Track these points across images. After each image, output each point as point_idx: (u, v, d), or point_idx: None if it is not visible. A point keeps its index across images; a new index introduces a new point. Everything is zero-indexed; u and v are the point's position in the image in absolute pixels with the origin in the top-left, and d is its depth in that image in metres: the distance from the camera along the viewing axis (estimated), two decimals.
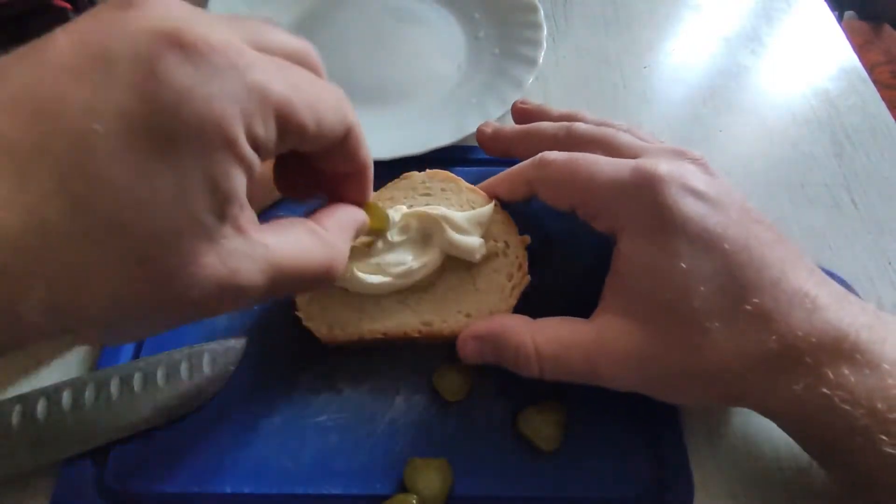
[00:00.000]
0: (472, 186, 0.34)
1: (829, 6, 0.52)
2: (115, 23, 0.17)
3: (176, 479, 0.29)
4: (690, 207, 0.26)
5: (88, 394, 0.29)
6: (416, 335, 0.30)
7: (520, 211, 0.37)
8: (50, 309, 0.16)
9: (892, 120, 0.44)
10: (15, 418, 0.29)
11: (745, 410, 0.30)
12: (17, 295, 0.15)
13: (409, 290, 0.31)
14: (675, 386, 0.26)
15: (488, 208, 0.32)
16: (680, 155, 0.29)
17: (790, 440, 0.26)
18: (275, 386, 0.31)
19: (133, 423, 0.29)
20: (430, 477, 0.27)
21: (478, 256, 0.31)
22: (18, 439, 0.28)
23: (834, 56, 0.48)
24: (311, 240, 0.22)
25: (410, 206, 0.32)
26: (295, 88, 0.19)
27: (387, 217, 0.30)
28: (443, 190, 0.34)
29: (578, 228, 0.33)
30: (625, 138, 0.30)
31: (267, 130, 0.18)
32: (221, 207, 0.18)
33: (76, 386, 0.30)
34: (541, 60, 0.43)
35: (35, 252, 0.15)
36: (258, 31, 0.20)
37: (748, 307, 0.24)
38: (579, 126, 0.32)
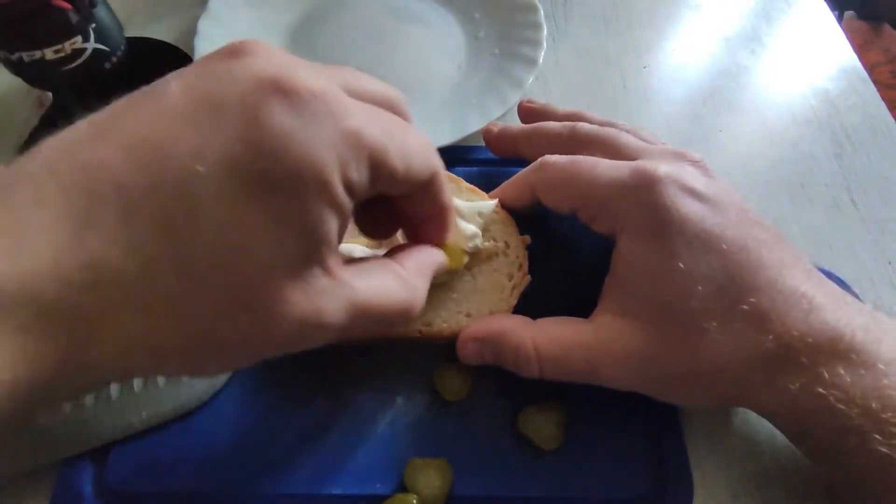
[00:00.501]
0: (472, 186, 0.34)
1: (829, 6, 0.52)
2: (224, 70, 0.18)
3: (176, 480, 0.29)
4: (689, 208, 0.26)
5: (89, 394, 0.29)
6: (416, 335, 0.30)
7: (520, 211, 0.37)
8: (143, 345, 0.17)
9: (892, 120, 0.44)
10: None
11: (745, 410, 0.30)
12: (114, 329, 0.16)
13: None
14: (673, 386, 0.26)
15: (491, 203, 0.32)
16: (680, 157, 0.29)
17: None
18: (275, 386, 0.31)
19: (133, 424, 0.29)
20: (430, 477, 0.27)
21: (470, 245, 0.30)
22: (19, 439, 0.28)
23: (834, 56, 0.48)
24: (395, 283, 0.23)
25: None
26: (387, 134, 0.20)
27: (464, 255, 0.30)
28: None
29: (578, 228, 0.33)
30: (626, 139, 0.30)
31: (360, 175, 0.19)
32: (314, 250, 0.18)
33: None
34: (541, 60, 0.43)
35: (135, 288, 0.16)
36: (353, 78, 0.21)
37: (745, 307, 0.24)
38: (583, 126, 0.32)
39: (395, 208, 0.25)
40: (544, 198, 0.30)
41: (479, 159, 0.40)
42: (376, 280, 0.22)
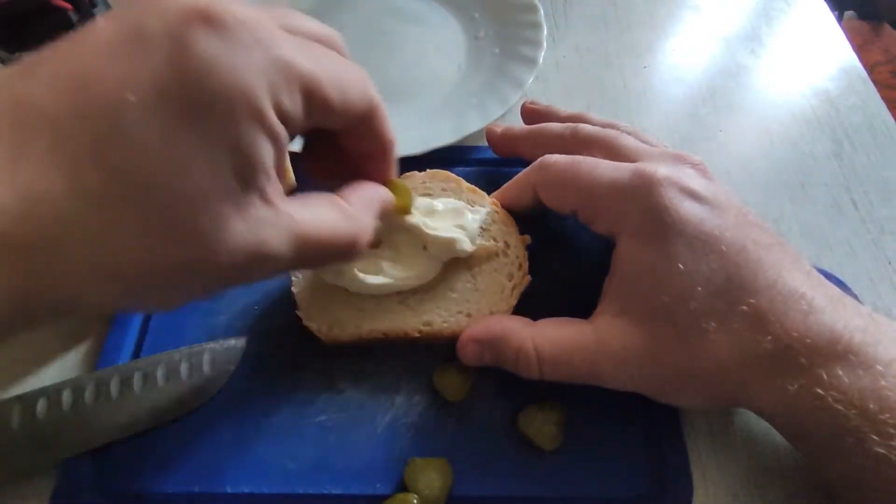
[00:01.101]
0: (472, 186, 0.34)
1: (829, 6, 0.52)
2: (151, 4, 0.18)
3: (176, 479, 0.29)
4: (688, 209, 0.26)
5: (88, 394, 0.29)
6: (416, 335, 0.30)
7: (521, 212, 0.37)
8: (90, 272, 0.17)
9: (892, 120, 0.44)
10: (15, 418, 0.29)
11: (745, 410, 0.30)
12: (58, 259, 0.16)
13: (410, 290, 0.31)
14: (672, 386, 0.26)
15: (484, 210, 0.32)
16: (680, 159, 0.29)
17: None
18: (275, 386, 0.31)
19: (133, 423, 0.29)
20: (430, 477, 0.27)
21: (457, 248, 0.30)
22: (18, 439, 0.28)
23: (834, 56, 0.48)
24: (336, 213, 0.23)
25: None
26: (319, 65, 0.20)
27: (410, 194, 0.30)
28: (443, 190, 0.34)
29: (578, 228, 0.33)
30: (627, 141, 0.31)
31: (293, 104, 0.19)
32: (248, 176, 0.18)
33: (76, 386, 0.30)
34: (541, 60, 0.43)
35: (74, 217, 0.16)
36: (286, 14, 0.21)
37: (744, 308, 0.24)
38: (584, 127, 0.32)
39: (339, 147, 0.25)
40: (545, 198, 0.31)
41: (479, 159, 0.40)
42: (319, 212, 0.22)
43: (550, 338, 0.27)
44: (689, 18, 0.51)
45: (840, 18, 1.19)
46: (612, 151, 0.30)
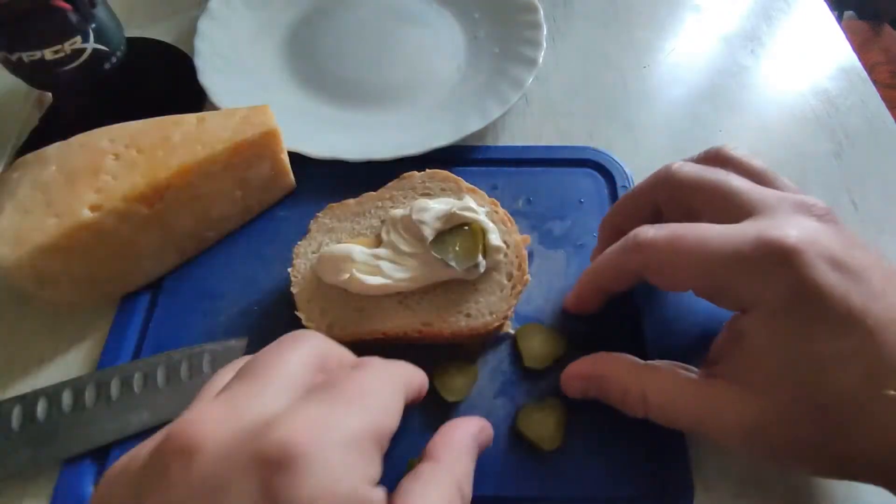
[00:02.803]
0: (472, 186, 0.34)
1: (829, 6, 0.52)
2: (189, 481, 0.17)
3: None
4: (830, 282, 0.23)
5: (89, 394, 0.29)
6: (416, 335, 0.30)
7: (519, 211, 0.37)
8: None
9: (892, 120, 0.44)
10: (15, 418, 0.29)
11: None
12: None
13: (409, 291, 0.31)
14: (793, 458, 0.25)
15: (484, 209, 0.32)
16: (803, 208, 0.25)
17: None
18: None
19: (133, 424, 0.29)
20: None
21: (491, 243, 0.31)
22: (19, 439, 0.28)
23: (834, 56, 0.48)
24: None
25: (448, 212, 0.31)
26: (368, 410, 0.20)
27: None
28: (443, 190, 0.34)
29: (578, 228, 0.33)
30: (737, 185, 0.27)
31: (375, 463, 0.19)
32: None
33: (77, 386, 0.30)
34: (541, 60, 0.43)
35: None
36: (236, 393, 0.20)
37: (892, 392, 0.22)
38: (681, 170, 0.29)
39: None
40: (653, 281, 0.27)
41: (479, 159, 0.40)
42: None
43: (659, 387, 0.27)
44: (689, 18, 0.51)
45: (840, 18, 1.19)
46: (720, 203, 0.27)
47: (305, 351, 0.21)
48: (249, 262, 0.36)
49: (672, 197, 0.29)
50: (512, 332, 0.32)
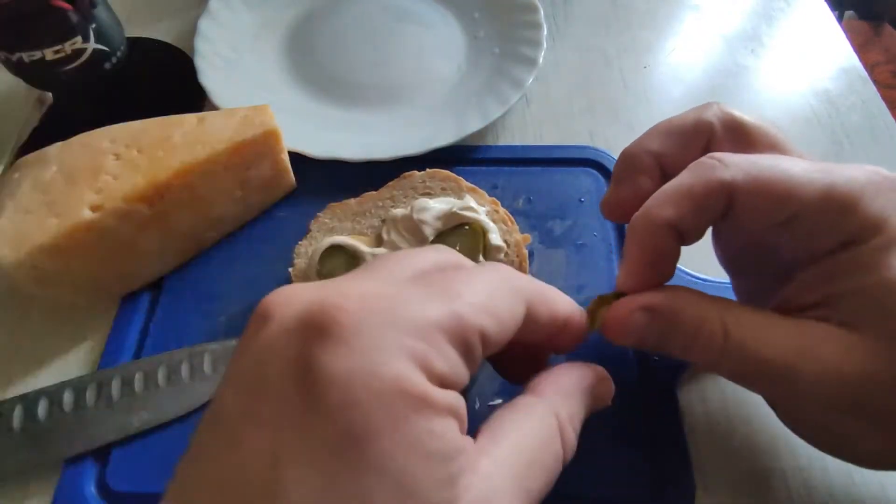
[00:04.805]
0: (472, 185, 0.34)
1: (829, 6, 0.52)
2: (260, 341, 0.17)
3: None
4: None
5: (90, 394, 0.29)
6: None
7: (520, 210, 0.37)
8: None
9: (892, 120, 0.44)
10: (16, 418, 0.29)
11: (746, 409, 0.30)
12: None
13: None
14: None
15: (484, 209, 0.32)
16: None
17: (790, 439, 0.26)
18: None
19: (134, 424, 0.29)
20: None
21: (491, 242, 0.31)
22: (20, 439, 0.28)
23: (834, 56, 0.48)
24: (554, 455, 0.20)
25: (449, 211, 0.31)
26: (459, 300, 0.18)
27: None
28: (443, 189, 0.34)
29: (578, 228, 0.33)
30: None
31: (449, 360, 0.17)
32: (449, 474, 0.16)
33: (77, 386, 0.30)
34: (541, 60, 0.43)
35: None
36: (405, 255, 0.19)
37: None
38: (734, 112, 0.25)
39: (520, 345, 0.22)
40: (740, 210, 0.22)
41: (479, 159, 0.40)
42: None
43: (748, 320, 0.22)
44: (689, 18, 0.51)
45: (840, 18, 1.19)
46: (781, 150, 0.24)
47: (437, 255, 0.20)
48: (250, 262, 0.36)
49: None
50: None
